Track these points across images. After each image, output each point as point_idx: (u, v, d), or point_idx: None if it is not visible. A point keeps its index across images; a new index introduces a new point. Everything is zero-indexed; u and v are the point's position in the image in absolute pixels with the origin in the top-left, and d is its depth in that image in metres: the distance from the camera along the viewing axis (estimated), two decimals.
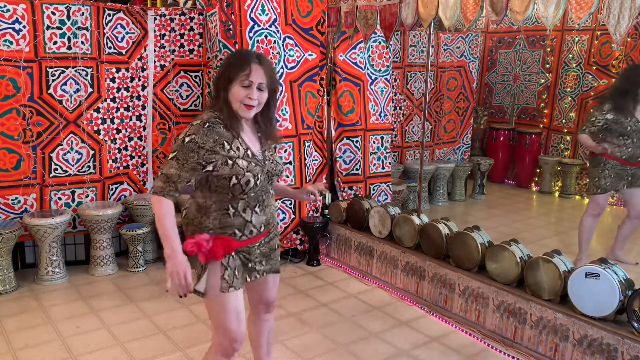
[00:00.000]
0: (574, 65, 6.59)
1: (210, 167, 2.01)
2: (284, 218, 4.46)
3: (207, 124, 2.02)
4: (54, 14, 4.02)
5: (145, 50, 4.51)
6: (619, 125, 3.88)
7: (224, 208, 2.07)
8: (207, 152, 1.99)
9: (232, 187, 2.03)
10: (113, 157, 4.45)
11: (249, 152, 2.08)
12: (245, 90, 2.03)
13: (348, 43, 4.67)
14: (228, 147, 2.03)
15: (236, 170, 2.01)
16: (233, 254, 2.12)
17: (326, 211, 4.75)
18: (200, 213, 2.10)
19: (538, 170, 6.87)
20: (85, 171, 4.31)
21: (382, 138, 5.02)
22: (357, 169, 4.91)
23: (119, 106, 4.45)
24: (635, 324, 2.73)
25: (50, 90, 4.08)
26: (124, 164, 4.55)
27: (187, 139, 1.99)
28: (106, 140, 4.39)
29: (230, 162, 2.02)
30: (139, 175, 4.65)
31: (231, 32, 4.15)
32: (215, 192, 2.06)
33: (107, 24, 4.27)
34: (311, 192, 2.40)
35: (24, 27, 3.93)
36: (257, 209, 2.13)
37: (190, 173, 2.00)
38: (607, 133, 3.93)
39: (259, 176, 2.07)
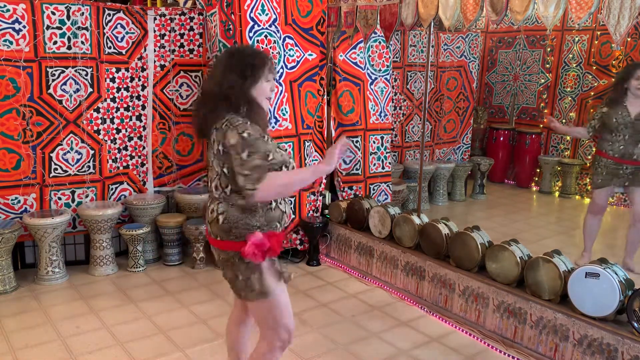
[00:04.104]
0: (574, 65, 6.59)
1: (271, 156, 2.03)
2: None
3: (245, 120, 2.04)
4: (54, 13, 4.02)
5: (145, 50, 4.52)
6: (609, 120, 3.97)
7: (267, 203, 2.10)
8: (269, 139, 2.10)
9: None
10: (113, 157, 4.45)
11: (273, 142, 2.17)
12: (270, 84, 2.16)
13: (348, 43, 4.67)
14: (267, 137, 2.09)
15: (284, 158, 2.09)
16: None
17: (326, 211, 4.74)
18: (245, 214, 2.07)
19: (538, 170, 6.87)
20: (85, 171, 4.31)
21: (382, 138, 5.02)
22: (357, 169, 4.91)
23: (118, 106, 4.45)
24: (635, 324, 2.73)
25: (50, 90, 4.08)
26: (124, 164, 4.55)
27: (244, 134, 1.98)
28: (106, 140, 4.39)
29: (278, 150, 2.10)
30: (139, 175, 4.65)
31: (231, 32, 4.15)
32: None
33: (107, 24, 4.27)
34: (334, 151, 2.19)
35: (24, 27, 3.92)
36: (286, 198, 2.21)
37: (278, 153, 2.07)
38: (602, 128, 4.04)
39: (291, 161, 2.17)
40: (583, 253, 4.27)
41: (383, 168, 5.06)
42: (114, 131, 4.45)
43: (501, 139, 7.06)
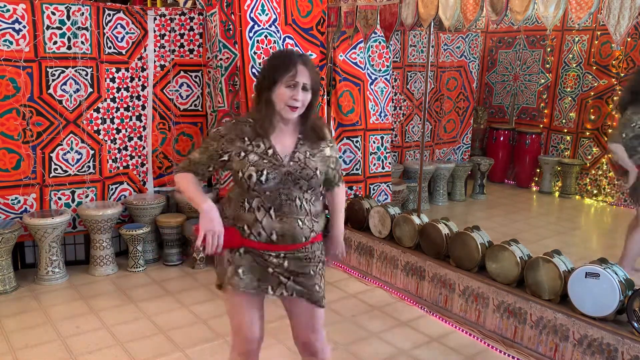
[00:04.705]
0: (574, 65, 6.59)
1: (225, 157, 2.07)
2: None
3: (235, 121, 2.14)
4: (54, 14, 4.02)
5: (145, 50, 4.51)
6: None
7: (240, 200, 2.08)
8: (225, 142, 2.07)
9: (240, 180, 2.04)
10: (113, 157, 4.45)
11: (269, 150, 2.06)
12: (290, 91, 2.02)
13: (348, 43, 4.67)
14: (248, 142, 2.06)
15: (242, 163, 2.03)
16: (241, 251, 2.09)
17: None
18: (228, 203, 2.14)
19: (538, 170, 6.87)
20: (85, 171, 4.31)
21: (382, 138, 5.02)
22: (357, 169, 4.90)
23: (118, 106, 4.45)
24: (635, 324, 2.73)
25: (50, 90, 4.08)
26: (124, 164, 4.55)
27: (213, 130, 2.17)
28: (106, 140, 4.39)
29: (242, 154, 2.04)
30: (139, 175, 4.65)
31: (231, 32, 4.15)
32: (237, 185, 2.11)
33: (107, 24, 4.27)
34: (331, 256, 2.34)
35: (24, 27, 3.93)
36: (271, 212, 2.04)
37: (209, 159, 2.10)
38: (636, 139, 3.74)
39: (264, 172, 2.00)
40: (624, 262, 3.96)
41: (383, 168, 5.06)
42: (114, 131, 4.45)
43: (501, 139, 7.06)
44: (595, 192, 6.39)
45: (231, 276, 2.10)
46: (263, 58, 4.20)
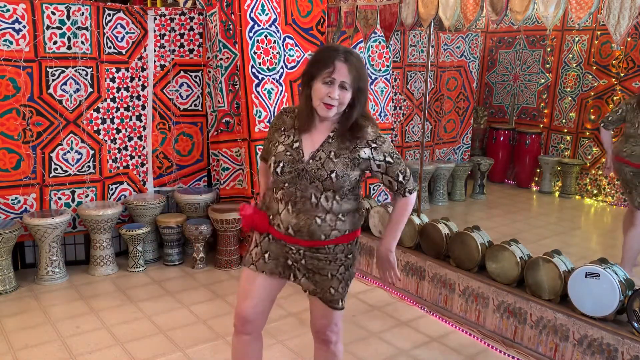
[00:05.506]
0: (574, 65, 6.59)
1: (270, 145, 2.16)
2: None
3: (282, 110, 2.21)
4: (54, 13, 4.02)
5: (145, 50, 4.51)
6: None
7: (272, 189, 2.14)
8: (273, 131, 2.16)
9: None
10: (113, 157, 4.45)
11: (295, 144, 2.05)
12: (326, 88, 1.96)
13: (348, 43, 4.66)
14: (282, 132, 2.12)
15: (271, 152, 2.11)
16: (270, 237, 2.13)
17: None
18: (269, 190, 2.21)
19: (538, 170, 6.87)
20: (85, 171, 4.31)
21: None
22: None
23: (118, 106, 4.45)
24: (635, 324, 2.73)
25: (50, 90, 4.08)
26: (124, 164, 4.55)
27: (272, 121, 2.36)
28: (106, 140, 4.39)
29: (277, 143, 2.11)
30: (139, 175, 4.65)
31: (231, 32, 4.15)
32: None
33: (107, 24, 4.27)
34: (384, 269, 2.36)
35: (24, 27, 3.93)
36: (289, 206, 2.05)
37: (269, 146, 2.19)
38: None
39: (282, 165, 2.02)
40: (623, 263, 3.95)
41: None
42: (114, 131, 4.45)
43: (501, 139, 7.06)
44: (595, 192, 6.39)
45: (257, 258, 2.16)
46: (263, 58, 4.21)
